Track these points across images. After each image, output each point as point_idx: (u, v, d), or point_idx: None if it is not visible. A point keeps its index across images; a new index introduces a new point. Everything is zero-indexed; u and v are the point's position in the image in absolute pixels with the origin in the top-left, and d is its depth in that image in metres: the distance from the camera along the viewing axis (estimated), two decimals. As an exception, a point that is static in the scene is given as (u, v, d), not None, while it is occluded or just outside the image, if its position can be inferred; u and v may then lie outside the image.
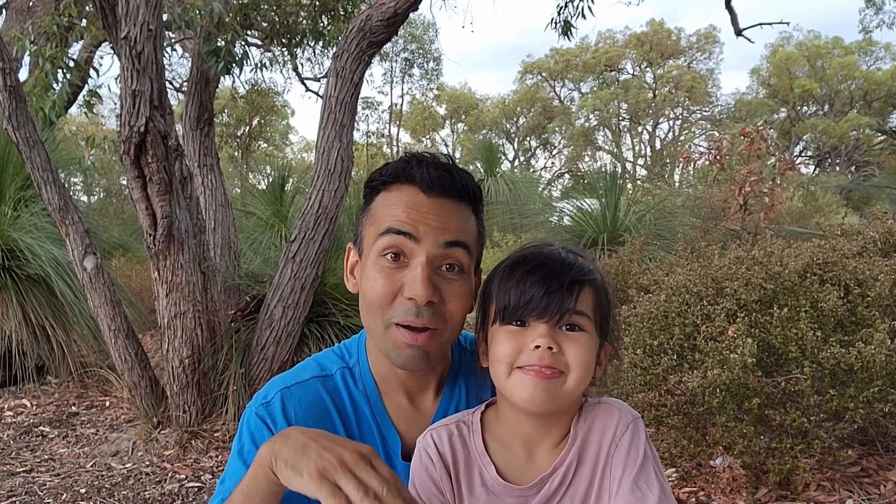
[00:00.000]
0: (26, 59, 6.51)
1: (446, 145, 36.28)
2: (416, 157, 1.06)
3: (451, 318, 1.03)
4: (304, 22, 6.84)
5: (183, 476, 3.52)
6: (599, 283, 0.98)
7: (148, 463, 3.69)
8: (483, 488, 0.97)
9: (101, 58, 8.56)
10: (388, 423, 1.10)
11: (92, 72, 6.74)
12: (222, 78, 5.95)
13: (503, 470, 0.98)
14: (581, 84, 34.34)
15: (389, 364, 1.08)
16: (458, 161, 1.11)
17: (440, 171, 1.03)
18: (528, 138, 35.88)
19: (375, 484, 0.76)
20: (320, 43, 7.16)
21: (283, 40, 6.91)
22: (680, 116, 33.84)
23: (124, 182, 8.75)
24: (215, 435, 3.89)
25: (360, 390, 1.11)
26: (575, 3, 6.42)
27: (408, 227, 1.00)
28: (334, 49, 4.80)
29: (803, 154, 31.97)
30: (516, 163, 35.15)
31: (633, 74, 33.27)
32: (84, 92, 6.75)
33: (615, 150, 32.58)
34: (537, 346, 0.91)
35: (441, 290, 1.00)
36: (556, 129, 33.85)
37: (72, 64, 5.12)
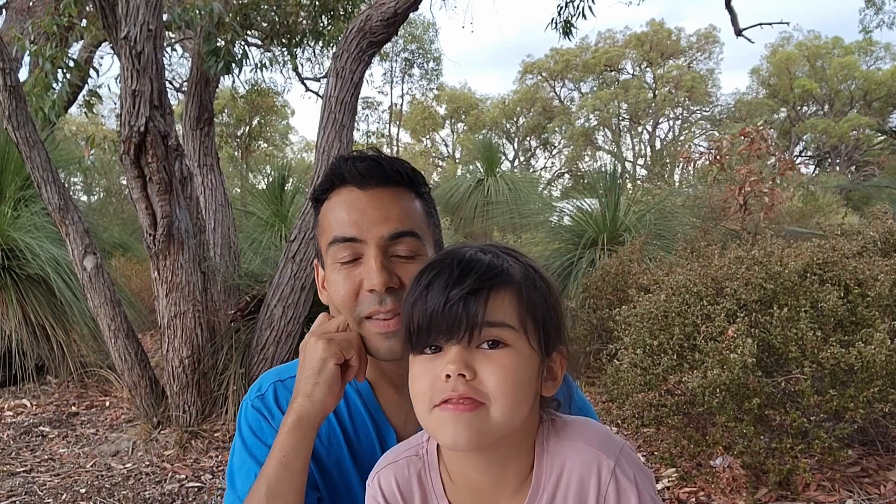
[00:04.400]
0: (26, 59, 6.52)
1: (446, 145, 36.29)
2: (342, 157, 1.07)
3: None
4: (304, 22, 6.85)
5: (183, 476, 3.52)
6: (520, 282, 0.80)
7: (148, 463, 3.69)
8: None
9: (101, 58, 8.57)
10: (381, 416, 1.11)
11: (92, 72, 6.74)
12: (222, 78, 5.96)
13: None
14: (581, 84, 34.32)
15: (376, 361, 1.09)
16: (458, 159, 1.11)
17: (367, 162, 1.05)
18: (528, 138, 35.86)
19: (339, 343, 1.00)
20: (320, 43, 7.16)
21: (283, 40, 6.91)
22: (680, 116, 33.83)
23: (124, 182, 8.74)
24: (215, 435, 3.89)
25: (352, 385, 1.12)
26: (575, 3, 6.44)
27: (351, 231, 1.02)
28: (334, 49, 4.80)
29: (803, 154, 31.95)
30: (516, 163, 35.13)
31: (633, 74, 33.26)
32: (84, 92, 6.75)
33: (615, 150, 32.59)
34: (448, 376, 0.76)
35: (399, 274, 1.02)
36: (556, 129, 33.82)
37: (72, 64, 5.13)
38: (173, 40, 6.49)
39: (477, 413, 0.75)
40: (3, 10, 7.37)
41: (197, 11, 4.53)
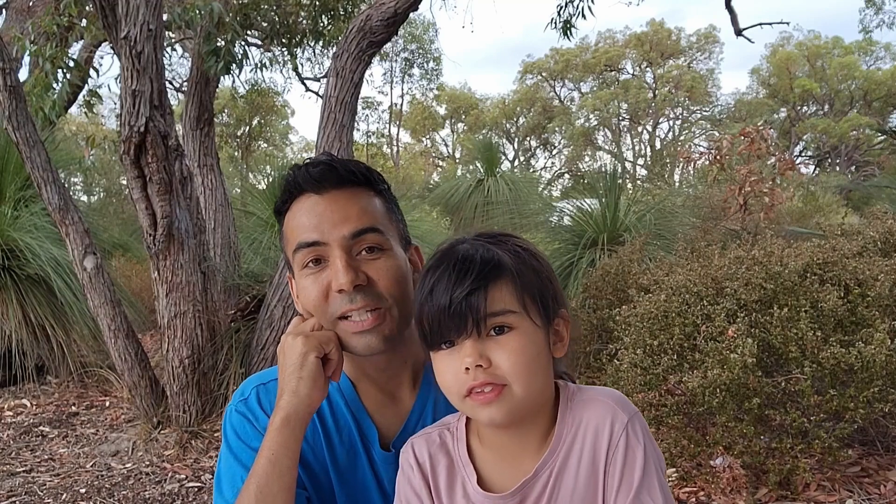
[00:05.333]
0: (26, 59, 6.51)
1: (446, 145, 36.29)
2: (296, 166, 1.08)
3: (389, 294, 1.04)
4: (304, 22, 6.85)
5: (183, 476, 3.52)
6: (513, 269, 0.88)
7: (148, 463, 3.69)
8: (465, 500, 0.94)
9: (101, 58, 8.55)
10: (363, 413, 1.13)
11: (92, 72, 6.74)
12: (222, 78, 5.95)
13: (490, 477, 0.94)
14: (581, 84, 34.30)
15: (356, 359, 1.10)
16: (458, 159, 1.12)
17: (320, 167, 1.06)
18: (528, 138, 35.85)
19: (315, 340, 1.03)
20: (320, 43, 7.15)
21: (283, 40, 6.91)
22: (680, 116, 33.81)
23: (124, 182, 8.74)
24: (215, 435, 3.88)
25: (334, 385, 1.13)
26: (575, 3, 6.44)
27: (313, 235, 1.03)
28: (334, 49, 4.80)
29: (803, 154, 31.94)
30: (516, 163, 35.10)
31: (633, 74, 33.24)
32: (84, 92, 6.74)
33: (615, 150, 32.59)
34: (467, 369, 0.86)
35: (366, 271, 1.03)
36: (556, 129, 33.81)
37: (72, 64, 5.12)
38: (173, 40, 6.49)
39: (503, 396, 0.86)
40: (3, 10, 7.37)
41: (197, 11, 4.53)
